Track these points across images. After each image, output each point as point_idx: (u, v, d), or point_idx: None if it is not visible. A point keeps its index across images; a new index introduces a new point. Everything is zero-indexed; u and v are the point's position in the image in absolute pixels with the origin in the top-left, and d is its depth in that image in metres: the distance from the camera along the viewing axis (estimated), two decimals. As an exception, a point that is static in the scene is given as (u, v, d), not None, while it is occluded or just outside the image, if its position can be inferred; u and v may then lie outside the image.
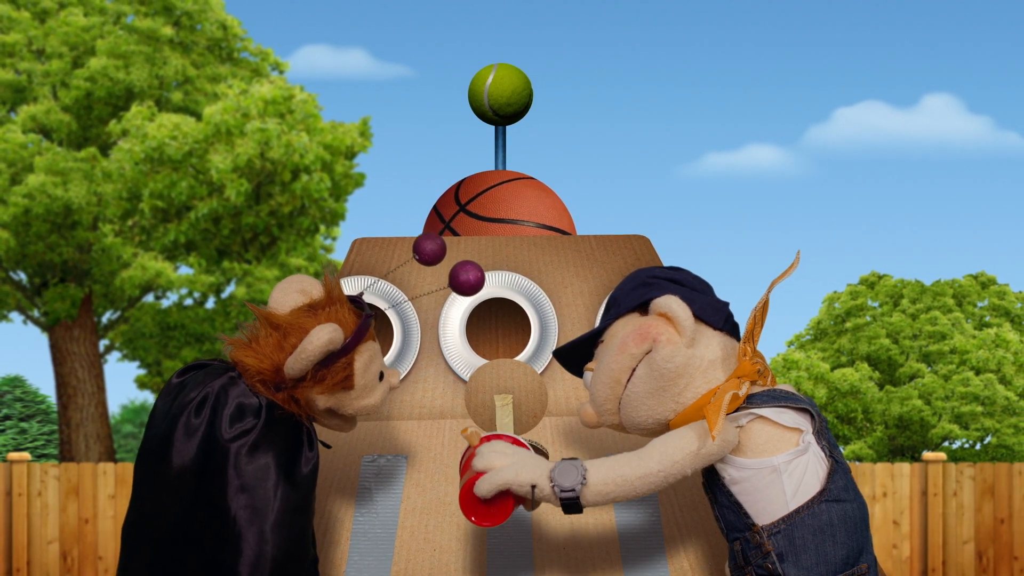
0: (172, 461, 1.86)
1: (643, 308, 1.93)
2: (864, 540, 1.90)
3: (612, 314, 1.97)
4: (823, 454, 1.89)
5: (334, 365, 1.90)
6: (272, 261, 15.46)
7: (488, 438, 1.94)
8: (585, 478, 1.81)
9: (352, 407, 1.95)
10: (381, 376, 1.98)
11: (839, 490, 1.88)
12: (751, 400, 1.88)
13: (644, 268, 2.02)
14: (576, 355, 2.03)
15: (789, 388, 1.93)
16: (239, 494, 1.84)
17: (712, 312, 1.92)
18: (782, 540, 1.84)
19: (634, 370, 1.90)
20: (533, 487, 1.81)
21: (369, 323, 1.94)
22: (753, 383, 1.90)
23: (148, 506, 1.89)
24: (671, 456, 1.82)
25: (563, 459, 1.84)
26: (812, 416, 1.90)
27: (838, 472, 1.89)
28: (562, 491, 1.81)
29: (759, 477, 1.85)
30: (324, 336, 1.86)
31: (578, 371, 2.04)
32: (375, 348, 1.97)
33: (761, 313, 1.91)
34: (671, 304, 1.88)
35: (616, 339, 1.92)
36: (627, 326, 1.92)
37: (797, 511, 1.85)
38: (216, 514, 1.84)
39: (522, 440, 1.94)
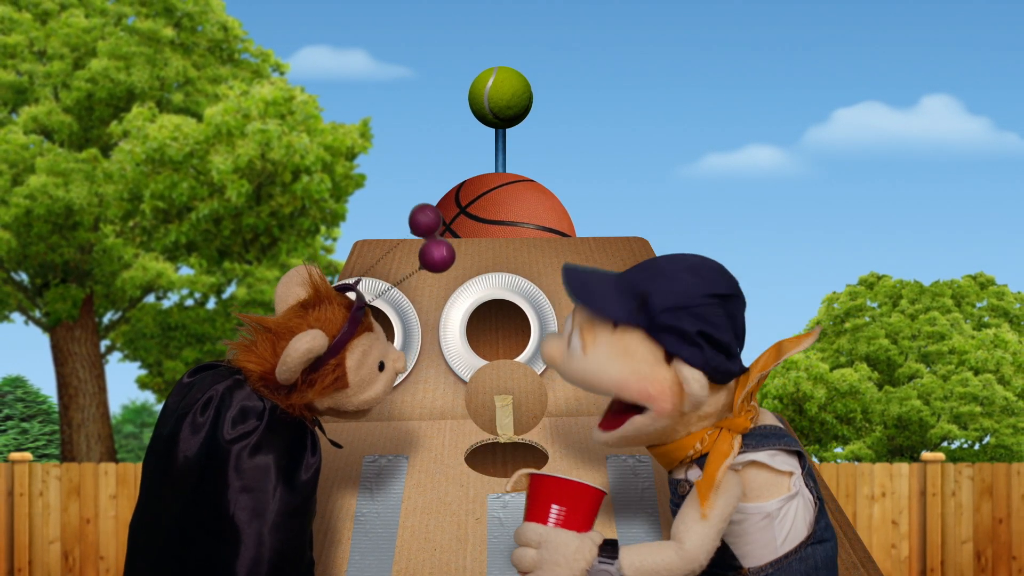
0: (177, 456, 1.88)
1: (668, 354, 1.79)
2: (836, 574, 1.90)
3: (642, 321, 1.80)
4: (811, 496, 1.86)
5: (323, 368, 1.89)
6: (273, 262, 15.46)
7: (535, 486, 1.81)
8: None
9: (352, 404, 1.94)
10: (383, 366, 1.96)
11: (822, 530, 1.87)
12: (744, 440, 1.82)
13: (705, 292, 1.80)
14: (584, 289, 1.85)
15: (775, 421, 1.88)
16: (239, 495, 1.85)
17: (725, 379, 1.81)
18: None
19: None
20: None
21: (359, 318, 1.92)
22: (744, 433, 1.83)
23: (153, 503, 1.91)
24: (709, 546, 1.75)
25: (599, 559, 1.75)
26: (800, 456, 1.86)
27: (822, 511, 1.87)
28: None
29: (750, 522, 1.82)
30: (302, 347, 1.85)
31: (576, 294, 1.85)
32: (371, 340, 1.94)
33: (766, 376, 1.83)
34: (694, 386, 1.76)
35: (624, 363, 1.80)
36: (643, 361, 1.79)
37: (786, 556, 1.83)
38: (215, 514, 1.85)
39: (570, 484, 1.80)
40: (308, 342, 1.85)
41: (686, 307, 1.78)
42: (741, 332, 1.84)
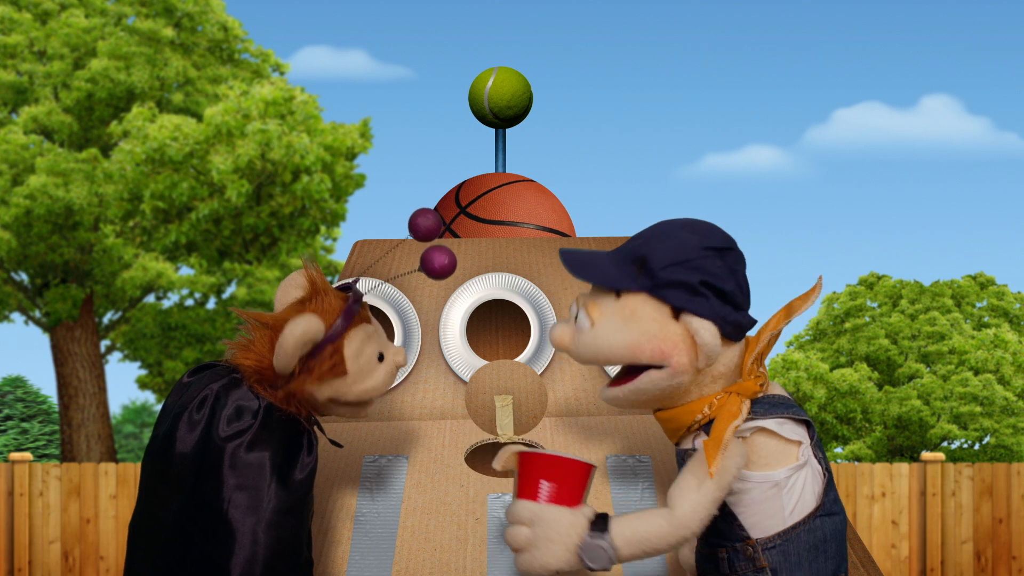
0: (174, 452, 1.89)
1: (675, 308, 1.79)
2: (846, 551, 1.88)
3: (644, 284, 1.80)
4: (820, 467, 1.85)
5: (320, 354, 1.90)
6: (273, 262, 15.47)
7: (524, 464, 1.80)
8: (613, 558, 1.74)
9: (352, 393, 1.93)
10: (382, 357, 1.96)
11: (831, 503, 1.85)
12: (752, 408, 1.82)
13: (702, 245, 1.80)
14: (583, 265, 1.86)
15: (783, 392, 1.87)
16: (233, 492, 1.86)
17: (737, 333, 1.81)
18: (777, 555, 1.81)
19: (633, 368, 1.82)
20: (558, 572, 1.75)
21: (355, 307, 1.93)
22: (753, 398, 1.83)
23: (151, 503, 1.92)
24: (702, 513, 1.75)
25: (589, 534, 1.74)
26: (808, 425, 1.85)
27: (831, 484, 1.86)
28: (592, 570, 1.75)
29: (759, 491, 1.80)
30: (297, 329, 1.86)
31: (576, 271, 1.87)
32: (369, 330, 1.95)
33: (776, 336, 1.83)
34: (706, 336, 1.76)
35: (633, 327, 1.79)
36: (652, 321, 1.79)
37: (794, 527, 1.81)
38: (210, 512, 1.86)
39: (559, 460, 1.79)
40: (303, 325, 1.86)
41: (685, 261, 1.79)
42: (745, 287, 1.84)
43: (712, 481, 1.74)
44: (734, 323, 1.80)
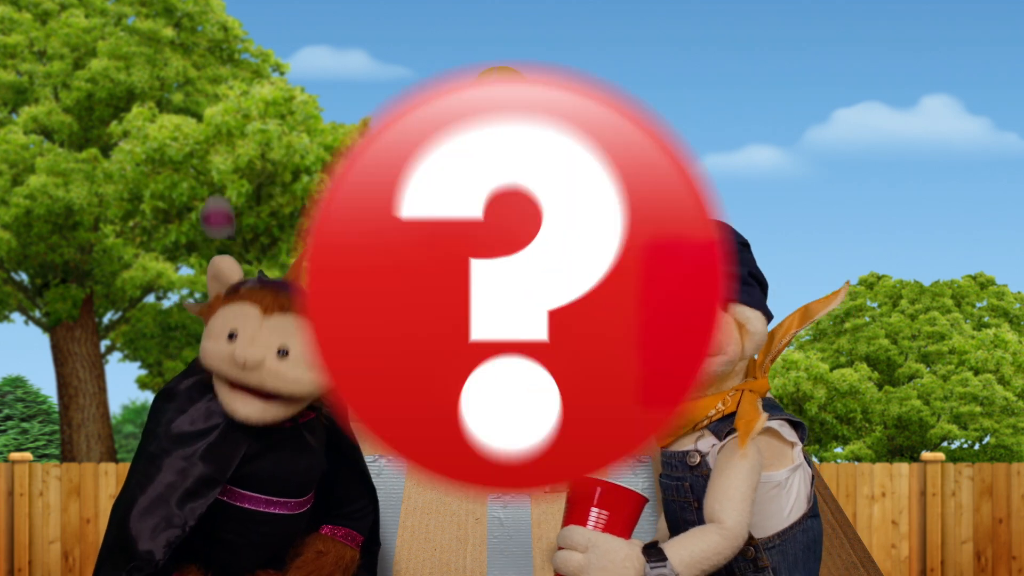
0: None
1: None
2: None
3: None
4: (810, 470, 1.88)
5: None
6: (273, 262, 15.46)
7: (578, 488, 1.79)
8: None
9: (207, 365, 1.99)
10: (232, 336, 1.96)
11: (815, 504, 1.89)
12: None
13: (737, 240, 1.86)
14: None
15: (771, 396, 1.90)
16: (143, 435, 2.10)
17: (768, 317, 1.87)
18: (777, 555, 1.83)
19: None
20: None
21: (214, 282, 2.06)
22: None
23: None
24: (748, 518, 1.76)
25: (650, 564, 1.74)
26: (800, 428, 1.88)
27: (815, 486, 1.90)
28: None
29: (762, 491, 1.82)
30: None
31: None
32: (237, 310, 1.98)
33: (791, 338, 1.87)
34: (757, 324, 1.81)
35: None
36: None
37: (791, 527, 1.84)
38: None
39: (616, 490, 1.79)
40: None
41: (744, 277, 1.86)
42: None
43: (746, 484, 1.76)
44: (769, 315, 1.86)
